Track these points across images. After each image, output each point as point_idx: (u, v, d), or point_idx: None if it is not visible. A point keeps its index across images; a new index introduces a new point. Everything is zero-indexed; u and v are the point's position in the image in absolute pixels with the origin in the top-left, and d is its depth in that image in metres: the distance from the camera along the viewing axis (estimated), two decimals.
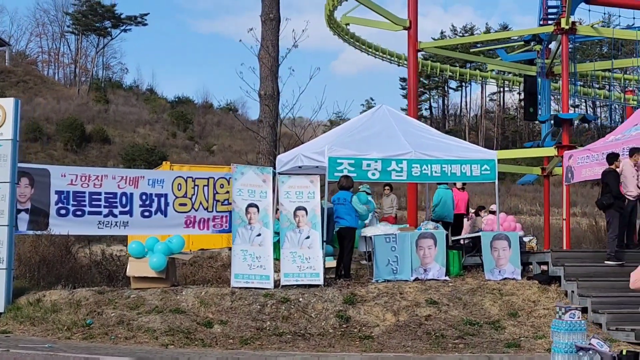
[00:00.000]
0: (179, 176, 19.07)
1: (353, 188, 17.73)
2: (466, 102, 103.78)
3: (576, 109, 69.54)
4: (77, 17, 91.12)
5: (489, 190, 64.17)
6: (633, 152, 17.93)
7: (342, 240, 17.39)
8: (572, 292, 16.50)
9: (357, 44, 31.38)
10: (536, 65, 30.73)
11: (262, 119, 21.44)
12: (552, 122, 26.92)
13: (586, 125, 67.44)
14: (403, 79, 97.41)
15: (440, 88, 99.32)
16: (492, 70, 36.37)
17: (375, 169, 17.87)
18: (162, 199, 18.66)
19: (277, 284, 16.49)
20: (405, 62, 30.54)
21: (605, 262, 17.28)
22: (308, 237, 16.59)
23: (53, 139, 67.46)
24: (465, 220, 23.63)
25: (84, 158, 65.73)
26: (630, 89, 35.30)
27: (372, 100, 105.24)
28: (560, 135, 27.00)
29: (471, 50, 33.03)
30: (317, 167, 18.28)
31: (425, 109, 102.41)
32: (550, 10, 27.90)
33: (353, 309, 15.80)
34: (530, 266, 18.30)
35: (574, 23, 25.95)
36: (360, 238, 18.61)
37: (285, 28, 24.74)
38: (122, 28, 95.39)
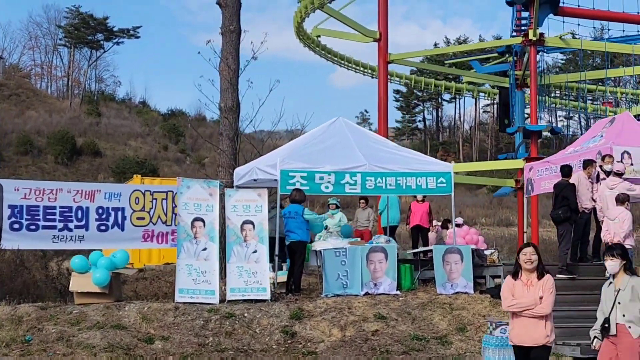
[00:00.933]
0: (137, 190, 18.97)
1: (305, 201, 17.53)
2: (460, 114, 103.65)
3: (557, 121, 69.43)
4: (70, 30, 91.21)
5: (481, 202, 64.14)
6: (587, 164, 17.75)
7: (292, 255, 17.21)
8: None
9: (329, 55, 31.22)
10: (509, 76, 30.58)
11: (222, 132, 21.25)
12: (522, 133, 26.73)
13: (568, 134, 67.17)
14: (397, 91, 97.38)
15: (434, 100, 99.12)
16: (482, 83, 36.09)
17: (329, 182, 17.70)
18: (119, 213, 18.52)
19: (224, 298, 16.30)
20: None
21: (557, 275, 17.04)
22: (255, 251, 16.39)
23: (44, 152, 67.34)
24: (430, 232, 23.48)
25: (75, 171, 65.59)
26: (609, 100, 35.14)
27: (367, 112, 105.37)
28: (529, 146, 26.83)
29: (446, 62, 32.77)
30: (275, 180, 18.11)
31: (419, 120, 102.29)
32: (524, 22, 27.71)
33: (299, 324, 15.60)
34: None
35: (541, 35, 25.79)
36: (311, 252, 18.42)
37: (254, 42, 24.60)
38: (114, 41, 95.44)
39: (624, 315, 9.02)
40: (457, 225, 23.04)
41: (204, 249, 16.23)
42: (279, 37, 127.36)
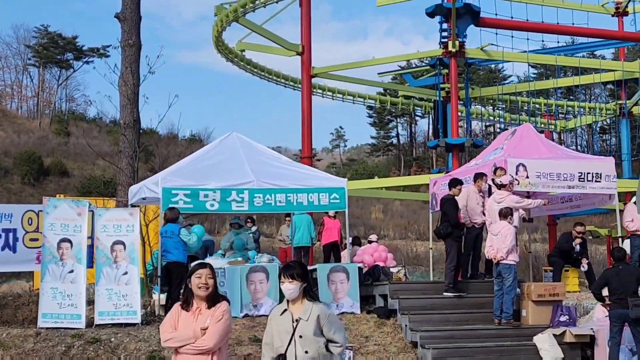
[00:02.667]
0: (30, 210, 18.28)
1: (179, 220, 16.84)
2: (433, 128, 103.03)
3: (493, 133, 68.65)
4: (38, 50, 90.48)
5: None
6: (477, 177, 17.21)
7: (169, 275, 16.50)
8: (406, 325, 15.66)
9: (255, 70, 30.61)
10: (440, 90, 30.03)
11: (121, 150, 20.62)
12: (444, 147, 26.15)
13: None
14: (369, 107, 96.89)
15: (407, 115, 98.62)
16: (421, 97, 35.45)
17: (214, 200, 17.05)
18: (11, 234, 17.85)
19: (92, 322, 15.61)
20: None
21: (444, 293, 16.48)
22: (126, 273, 15.72)
23: (11, 172, 66.64)
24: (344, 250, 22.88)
25: (42, 191, 64.66)
26: (551, 113, 34.66)
27: (342, 129, 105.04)
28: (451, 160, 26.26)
29: (379, 74, 32.22)
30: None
31: (393, 136, 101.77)
32: (444, 34, 27.12)
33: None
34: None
35: (461, 45, 25.25)
36: None
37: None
38: (84, 60, 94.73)
39: (306, 352, 7.19)
40: (369, 242, 22.49)
41: (71, 271, 15.54)
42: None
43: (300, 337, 7.18)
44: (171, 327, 7.40)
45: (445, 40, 26.25)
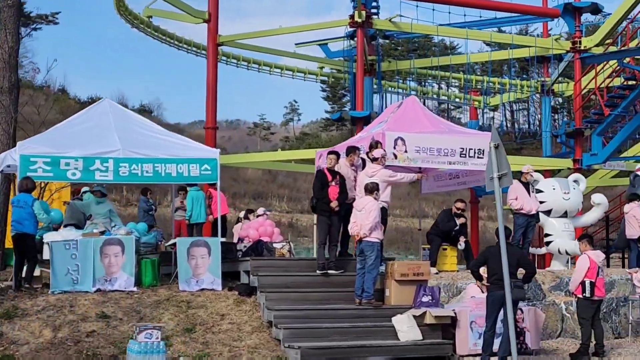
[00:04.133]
0: None
1: (34, 190, 15.98)
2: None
3: None
4: None
5: (401, 194, 62.72)
6: (349, 151, 16.53)
7: (17, 247, 15.63)
8: (263, 304, 14.96)
9: (158, 34, 29.60)
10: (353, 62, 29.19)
11: None
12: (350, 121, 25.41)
13: None
14: (323, 82, 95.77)
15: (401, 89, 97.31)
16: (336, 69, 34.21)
17: (76, 168, 16.16)
18: None
19: None
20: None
21: (317, 270, 15.80)
22: None
23: None
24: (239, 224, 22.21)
25: None
26: (476, 89, 34.02)
27: (296, 102, 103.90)
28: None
29: (297, 44, 31.29)
30: None
31: (346, 110, 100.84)
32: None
33: (9, 324, 14.10)
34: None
35: (368, 17, 24.45)
36: (45, 245, 16.82)
37: None
38: (32, 27, 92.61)
39: None
40: (258, 216, 21.78)
41: None
42: None
43: None
44: None
45: (375, 10, 25.60)
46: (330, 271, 15.70)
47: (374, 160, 15.89)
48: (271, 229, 20.50)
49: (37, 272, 16.33)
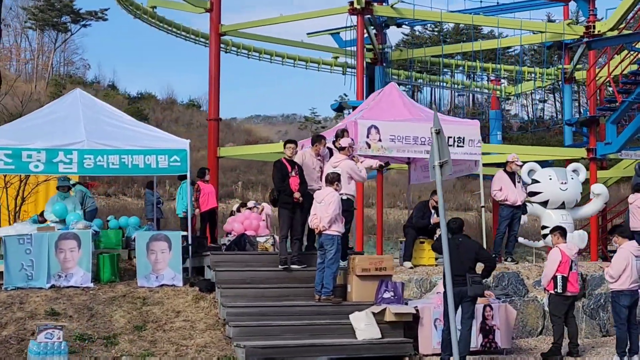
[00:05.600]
0: None
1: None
2: (434, 98, 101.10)
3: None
4: (34, 13, 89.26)
5: (446, 186, 61.67)
6: (315, 140, 15.82)
7: None
8: (219, 300, 14.35)
9: (160, 24, 29.10)
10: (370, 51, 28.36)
11: None
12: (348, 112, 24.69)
13: None
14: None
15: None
16: None
17: (39, 161, 15.73)
18: None
19: None
20: None
21: (279, 265, 15.11)
22: None
23: None
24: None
25: None
26: (496, 78, 32.94)
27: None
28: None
29: (308, 34, 30.46)
30: None
31: None
32: None
33: None
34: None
35: (368, 3, 23.59)
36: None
37: None
38: (82, 23, 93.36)
39: None
40: (248, 209, 21.18)
41: None
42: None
43: None
44: None
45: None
46: (293, 266, 15.02)
47: (340, 149, 15.16)
48: (257, 223, 19.87)
49: None
